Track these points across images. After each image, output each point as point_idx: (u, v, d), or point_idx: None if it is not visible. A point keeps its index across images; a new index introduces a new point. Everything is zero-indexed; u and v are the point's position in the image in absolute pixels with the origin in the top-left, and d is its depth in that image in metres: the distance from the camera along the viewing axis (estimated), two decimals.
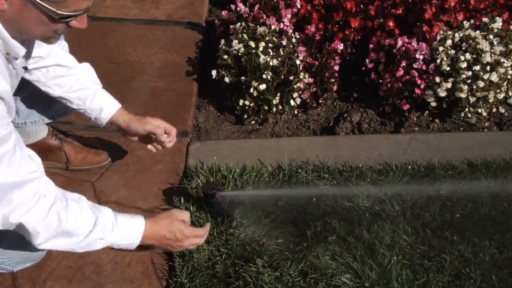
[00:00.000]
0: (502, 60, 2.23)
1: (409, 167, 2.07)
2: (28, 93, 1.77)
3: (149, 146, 1.90)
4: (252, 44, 2.31)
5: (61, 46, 1.74)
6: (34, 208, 1.33)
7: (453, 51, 2.26)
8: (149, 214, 1.78)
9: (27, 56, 1.41)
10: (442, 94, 2.26)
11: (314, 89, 2.43)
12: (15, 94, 1.60)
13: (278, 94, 2.34)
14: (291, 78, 2.31)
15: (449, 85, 2.24)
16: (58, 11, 1.20)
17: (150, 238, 1.55)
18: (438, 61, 2.26)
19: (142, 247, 1.57)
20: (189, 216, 1.67)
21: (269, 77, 2.27)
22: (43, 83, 1.73)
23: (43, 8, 1.18)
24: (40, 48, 1.58)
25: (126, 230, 1.51)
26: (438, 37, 2.32)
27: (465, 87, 2.23)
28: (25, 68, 1.50)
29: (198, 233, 1.64)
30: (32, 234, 1.36)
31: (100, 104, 1.79)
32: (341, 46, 2.45)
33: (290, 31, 2.46)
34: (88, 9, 1.26)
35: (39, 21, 1.22)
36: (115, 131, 1.91)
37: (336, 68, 2.43)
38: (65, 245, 1.44)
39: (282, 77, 2.31)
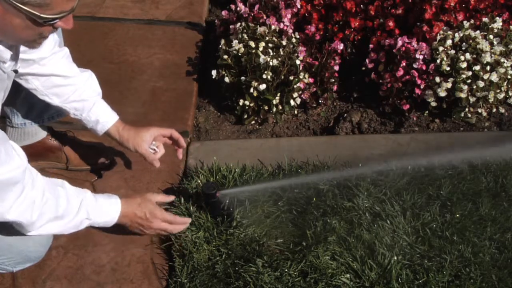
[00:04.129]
0: (502, 60, 2.23)
1: (409, 167, 2.07)
2: (27, 94, 1.77)
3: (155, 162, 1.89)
4: (252, 44, 2.31)
5: (62, 54, 1.73)
6: (27, 201, 1.38)
7: (453, 51, 2.26)
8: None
9: (15, 58, 1.40)
10: (442, 94, 2.26)
11: (314, 89, 2.43)
12: (14, 96, 1.60)
13: (278, 94, 2.34)
14: (291, 78, 2.31)
15: (449, 85, 2.24)
16: (42, 15, 1.17)
17: (124, 216, 1.65)
18: (438, 61, 2.26)
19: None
20: (161, 198, 1.79)
21: (269, 77, 2.27)
22: (41, 92, 1.73)
23: (27, 12, 1.15)
24: (32, 51, 1.56)
25: (105, 208, 1.62)
26: (438, 37, 2.32)
27: (465, 87, 2.23)
28: (15, 71, 1.49)
29: (166, 218, 1.73)
30: (27, 225, 1.43)
31: (97, 117, 1.80)
32: (341, 46, 2.45)
33: (290, 31, 2.46)
34: (73, 10, 1.23)
35: (24, 26, 1.20)
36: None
37: (336, 68, 2.43)
38: (56, 229, 1.52)
39: (282, 77, 2.31)
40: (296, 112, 2.48)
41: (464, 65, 2.21)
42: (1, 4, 1.14)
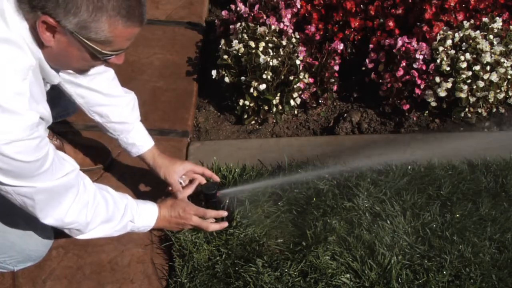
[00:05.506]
0: (502, 60, 2.23)
1: (409, 167, 2.07)
2: None
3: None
4: (252, 44, 2.31)
5: (107, 75, 1.75)
6: (81, 203, 1.46)
7: (453, 51, 2.26)
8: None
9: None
10: (442, 94, 2.26)
11: (314, 89, 2.43)
12: None
13: (278, 94, 2.34)
14: (291, 78, 2.31)
15: (449, 85, 2.24)
16: (103, 51, 1.26)
17: (161, 219, 1.74)
18: (438, 61, 2.26)
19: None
20: (190, 191, 1.86)
21: (269, 77, 2.27)
22: (83, 108, 1.78)
23: (89, 47, 1.24)
24: None
25: (145, 213, 1.70)
26: (438, 37, 2.32)
27: (465, 87, 2.23)
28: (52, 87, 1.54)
29: (199, 212, 1.79)
30: (82, 227, 1.51)
31: (133, 140, 1.86)
32: (341, 46, 2.45)
33: (290, 31, 2.46)
34: (128, 48, 1.32)
35: (82, 58, 1.28)
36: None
37: (336, 68, 2.43)
38: (106, 231, 1.60)
39: (282, 77, 2.31)
40: (296, 112, 2.48)
41: (464, 65, 2.21)
42: (67, 37, 1.22)
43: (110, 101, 1.78)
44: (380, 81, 2.41)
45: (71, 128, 2.18)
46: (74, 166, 1.43)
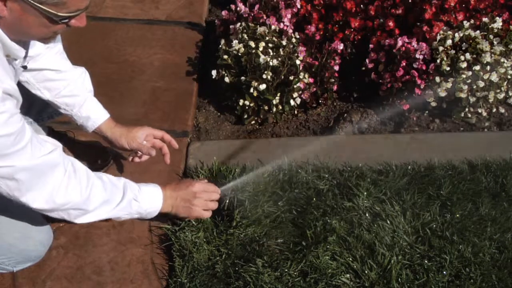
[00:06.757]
0: (502, 60, 2.23)
1: (409, 167, 2.07)
2: (26, 93, 1.77)
3: (136, 159, 1.93)
4: (252, 44, 2.31)
5: (56, 49, 1.73)
6: (72, 182, 1.42)
7: (453, 51, 2.26)
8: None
9: (25, 56, 1.42)
10: (442, 94, 2.26)
11: (314, 89, 2.43)
12: None
13: (278, 94, 2.34)
14: (291, 78, 2.31)
15: (449, 85, 2.24)
16: (59, 13, 1.21)
17: (168, 197, 1.70)
18: (438, 61, 2.26)
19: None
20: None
21: (269, 77, 2.27)
22: (33, 85, 1.73)
23: (43, 11, 1.19)
24: (31, 48, 1.57)
25: (148, 193, 1.66)
26: (438, 37, 2.32)
27: (465, 87, 2.23)
28: (24, 67, 1.51)
29: (208, 188, 1.77)
30: (82, 206, 1.46)
31: (88, 113, 1.80)
32: (341, 46, 2.45)
33: (290, 31, 2.46)
34: (87, 8, 1.27)
35: (39, 24, 1.24)
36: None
37: (336, 68, 2.43)
38: (109, 212, 1.55)
39: (282, 77, 2.31)
40: (296, 112, 2.48)
41: (464, 65, 2.21)
42: (19, 4, 1.18)
43: (60, 76, 1.74)
44: (380, 81, 2.41)
45: (70, 128, 2.18)
46: (55, 145, 1.40)
